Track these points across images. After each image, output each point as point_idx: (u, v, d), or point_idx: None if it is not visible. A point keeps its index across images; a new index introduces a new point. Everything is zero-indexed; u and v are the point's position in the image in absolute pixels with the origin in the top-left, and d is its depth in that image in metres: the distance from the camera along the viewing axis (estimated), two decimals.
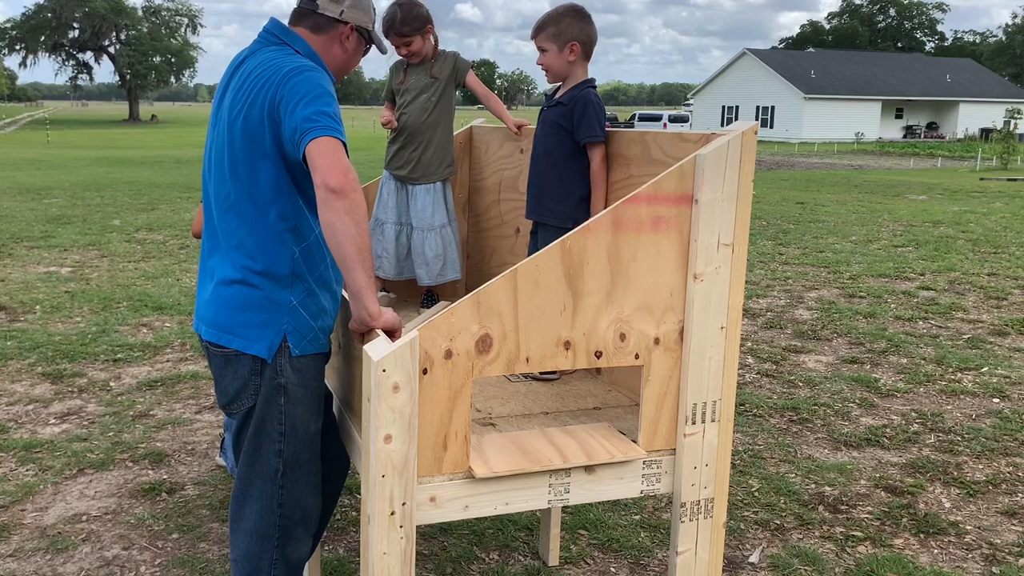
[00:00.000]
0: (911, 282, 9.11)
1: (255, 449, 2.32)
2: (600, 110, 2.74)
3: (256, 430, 2.31)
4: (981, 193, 19.28)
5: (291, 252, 2.23)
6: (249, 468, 2.34)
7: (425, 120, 3.37)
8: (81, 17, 71.84)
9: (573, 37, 2.74)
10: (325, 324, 2.33)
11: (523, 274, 1.99)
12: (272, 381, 2.26)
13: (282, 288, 2.24)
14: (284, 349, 2.25)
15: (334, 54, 2.40)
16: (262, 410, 2.29)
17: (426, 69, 3.38)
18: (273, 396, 2.27)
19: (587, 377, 2.76)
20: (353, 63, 2.46)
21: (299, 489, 2.35)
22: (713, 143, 2.08)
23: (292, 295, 2.25)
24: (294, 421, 2.30)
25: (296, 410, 2.29)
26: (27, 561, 3.35)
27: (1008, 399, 5.47)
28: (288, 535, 2.37)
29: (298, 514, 2.37)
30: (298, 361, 2.27)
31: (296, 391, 2.28)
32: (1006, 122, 45.12)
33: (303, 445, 2.33)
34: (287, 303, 2.24)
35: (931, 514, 3.88)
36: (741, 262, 2.15)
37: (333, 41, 2.39)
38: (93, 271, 8.82)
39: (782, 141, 50.27)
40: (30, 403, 5.08)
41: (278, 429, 2.30)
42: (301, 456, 2.33)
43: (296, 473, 2.34)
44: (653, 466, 2.20)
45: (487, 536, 3.63)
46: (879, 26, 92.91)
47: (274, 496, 2.33)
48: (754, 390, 5.56)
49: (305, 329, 2.27)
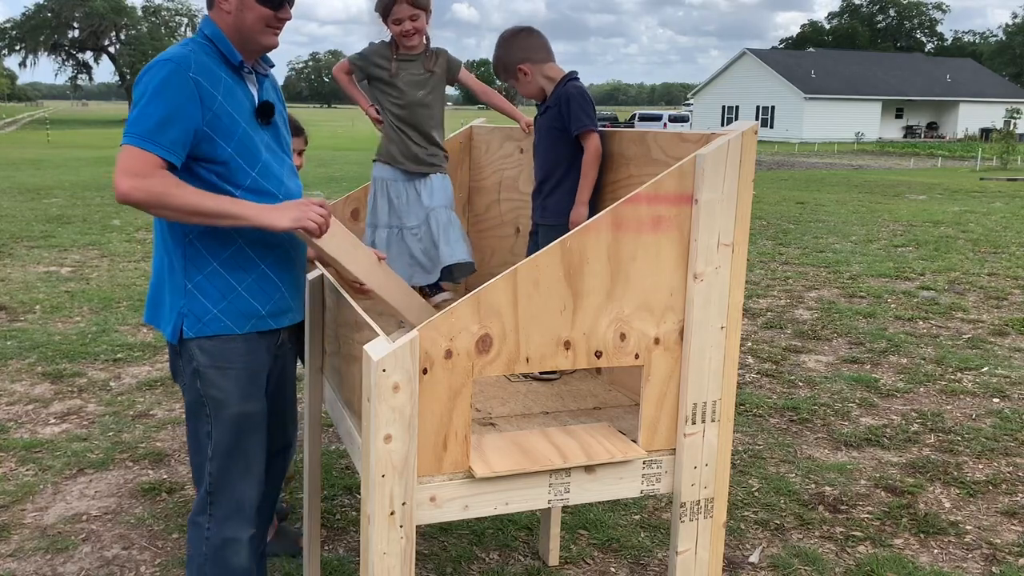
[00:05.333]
0: (911, 282, 9.11)
1: (191, 433, 2.39)
2: (584, 99, 2.73)
3: (187, 414, 2.38)
4: (981, 193, 19.28)
5: (184, 238, 2.30)
6: (192, 453, 2.40)
7: (435, 114, 3.25)
8: (81, 17, 71.84)
9: (516, 61, 2.83)
10: (235, 306, 2.32)
11: (523, 274, 1.99)
12: (188, 365, 2.32)
13: (178, 273, 2.31)
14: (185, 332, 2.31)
15: (224, 23, 2.31)
16: (187, 394, 2.36)
17: (421, 63, 3.19)
18: (192, 380, 2.33)
19: (587, 377, 2.75)
20: (251, 25, 2.29)
21: (228, 474, 2.33)
22: (713, 143, 2.08)
23: (187, 279, 2.30)
24: (216, 403, 2.31)
25: (214, 392, 2.31)
26: (27, 561, 3.35)
27: (1008, 399, 5.47)
28: (221, 528, 2.34)
29: (231, 503, 2.34)
30: (207, 342, 2.30)
31: (210, 373, 2.30)
32: (1006, 122, 45.08)
33: (226, 427, 2.32)
34: (182, 287, 2.30)
35: (931, 514, 3.88)
36: (741, 262, 2.15)
37: (219, 10, 2.31)
38: (93, 271, 8.82)
39: (782, 141, 50.26)
40: (30, 403, 5.08)
41: (204, 412, 2.33)
42: (228, 440, 2.32)
43: (226, 459, 2.33)
44: (653, 466, 2.20)
45: (487, 536, 3.63)
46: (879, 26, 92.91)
47: (207, 482, 2.34)
48: (754, 390, 5.56)
49: (201, 312, 2.29)
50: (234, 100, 2.29)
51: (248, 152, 2.30)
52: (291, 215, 2.20)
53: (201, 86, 2.20)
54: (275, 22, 2.31)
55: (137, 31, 75.42)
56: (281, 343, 2.50)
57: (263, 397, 2.40)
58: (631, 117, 53.77)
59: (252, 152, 2.30)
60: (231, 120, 2.26)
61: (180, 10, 78.30)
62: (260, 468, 2.40)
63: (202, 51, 2.28)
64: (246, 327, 2.34)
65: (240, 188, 2.27)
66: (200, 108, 2.20)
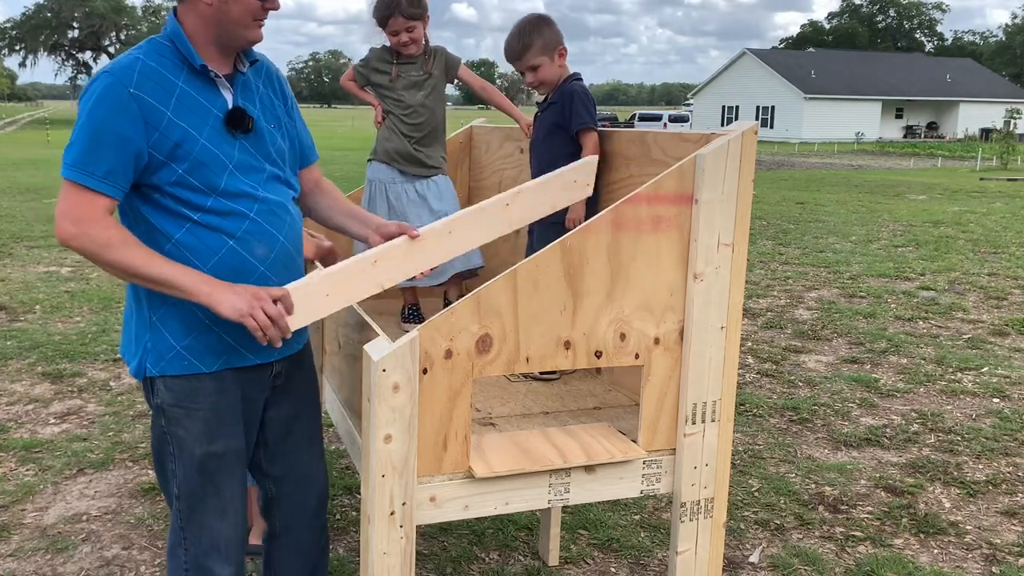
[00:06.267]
0: (911, 282, 9.11)
1: (158, 469, 2.21)
2: (587, 98, 2.76)
3: (154, 450, 2.20)
4: (981, 193, 19.28)
5: None
6: (161, 484, 2.22)
7: (437, 117, 3.26)
8: (81, 17, 71.90)
9: (558, 42, 2.80)
10: (202, 341, 2.08)
11: (523, 274, 1.99)
12: (153, 400, 2.13)
13: (143, 302, 2.09)
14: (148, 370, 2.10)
15: (200, 16, 2.02)
16: (153, 430, 2.18)
17: (420, 65, 3.22)
18: (157, 416, 2.14)
19: (587, 377, 2.75)
20: (237, 17, 2.02)
21: (199, 512, 2.16)
22: (713, 143, 2.08)
23: (151, 310, 2.08)
24: (180, 443, 2.12)
25: (179, 432, 2.11)
26: (27, 561, 3.35)
27: (1008, 399, 5.47)
28: (198, 564, 2.18)
29: (205, 541, 2.17)
30: (171, 381, 2.09)
31: (174, 411, 2.10)
32: (1006, 122, 45.11)
33: (191, 468, 2.13)
34: (147, 319, 2.09)
35: (931, 514, 3.88)
36: (741, 262, 2.15)
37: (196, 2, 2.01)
38: (93, 271, 8.81)
39: (782, 141, 50.27)
40: (30, 403, 5.08)
41: (168, 450, 2.14)
42: (193, 480, 2.13)
43: (192, 498, 2.15)
44: (653, 466, 2.20)
45: (487, 536, 3.63)
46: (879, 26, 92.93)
47: (177, 517, 2.19)
48: (754, 390, 5.56)
49: (164, 348, 2.07)
50: (191, 111, 2.00)
51: (208, 170, 2.01)
52: (237, 305, 1.93)
53: (143, 102, 1.94)
54: (262, 13, 2.05)
55: (137, 31, 75.38)
56: (277, 374, 2.25)
57: (238, 435, 2.17)
58: (631, 117, 53.74)
59: (213, 170, 2.02)
60: (185, 136, 1.98)
61: None
62: (238, 506, 2.20)
63: (157, 55, 2.01)
64: (216, 364, 2.10)
65: (200, 211, 2.02)
66: (143, 129, 1.94)
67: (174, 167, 1.98)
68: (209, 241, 2.03)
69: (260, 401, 2.23)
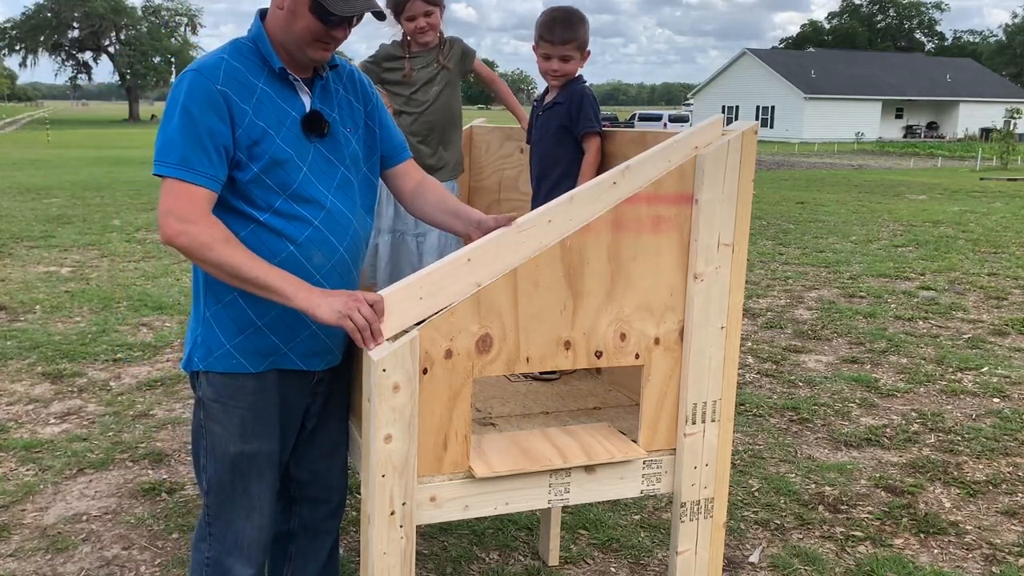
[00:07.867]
0: (911, 282, 9.11)
1: (194, 460, 2.24)
2: (595, 102, 2.78)
3: (192, 440, 2.24)
4: (981, 193, 19.28)
5: None
6: (196, 472, 2.26)
7: (449, 114, 3.17)
8: (81, 17, 71.92)
9: (587, 44, 2.80)
10: (252, 342, 2.10)
11: (523, 274, 1.99)
12: (197, 392, 2.18)
13: (200, 298, 2.14)
14: (195, 363, 2.14)
15: (276, 21, 2.06)
16: (193, 422, 2.22)
17: (434, 58, 3.11)
18: (197, 409, 2.18)
19: (587, 377, 2.75)
20: (299, 33, 2.03)
21: (227, 510, 2.18)
22: (713, 143, 2.08)
23: (206, 307, 2.11)
24: (214, 439, 2.15)
25: (214, 427, 2.15)
26: (27, 561, 3.35)
27: (1008, 399, 5.47)
28: (219, 562, 2.20)
29: (229, 539, 2.19)
30: (214, 377, 2.12)
31: (213, 407, 2.14)
32: (1006, 122, 45.07)
33: (224, 465, 2.16)
34: (201, 314, 2.13)
35: (931, 514, 3.88)
36: (741, 262, 2.15)
37: (274, 6, 2.06)
38: (93, 271, 8.81)
39: (782, 141, 50.26)
40: (30, 403, 5.08)
41: (203, 444, 2.18)
42: (223, 476, 2.17)
43: (221, 495, 2.18)
44: (653, 466, 2.20)
45: (487, 536, 3.63)
46: (879, 26, 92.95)
47: (205, 512, 2.22)
48: (754, 390, 5.56)
49: (214, 344, 2.11)
50: (270, 112, 2.04)
51: (283, 171, 2.04)
52: (335, 307, 1.91)
53: (230, 99, 1.98)
54: (326, 37, 2.03)
55: (137, 31, 75.51)
56: (319, 381, 2.26)
57: (272, 437, 2.18)
58: (631, 117, 53.78)
59: (288, 170, 2.04)
60: (264, 135, 2.01)
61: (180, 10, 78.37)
62: (267, 509, 2.21)
63: (240, 55, 2.05)
64: (261, 365, 2.12)
65: (267, 211, 2.04)
66: (230, 125, 1.98)
67: (251, 166, 2.02)
68: (271, 244, 2.05)
69: (301, 407, 2.25)
